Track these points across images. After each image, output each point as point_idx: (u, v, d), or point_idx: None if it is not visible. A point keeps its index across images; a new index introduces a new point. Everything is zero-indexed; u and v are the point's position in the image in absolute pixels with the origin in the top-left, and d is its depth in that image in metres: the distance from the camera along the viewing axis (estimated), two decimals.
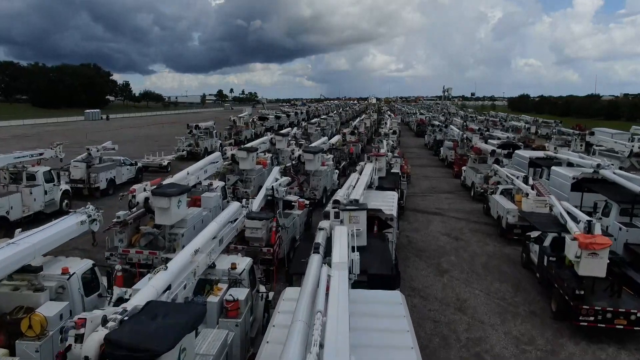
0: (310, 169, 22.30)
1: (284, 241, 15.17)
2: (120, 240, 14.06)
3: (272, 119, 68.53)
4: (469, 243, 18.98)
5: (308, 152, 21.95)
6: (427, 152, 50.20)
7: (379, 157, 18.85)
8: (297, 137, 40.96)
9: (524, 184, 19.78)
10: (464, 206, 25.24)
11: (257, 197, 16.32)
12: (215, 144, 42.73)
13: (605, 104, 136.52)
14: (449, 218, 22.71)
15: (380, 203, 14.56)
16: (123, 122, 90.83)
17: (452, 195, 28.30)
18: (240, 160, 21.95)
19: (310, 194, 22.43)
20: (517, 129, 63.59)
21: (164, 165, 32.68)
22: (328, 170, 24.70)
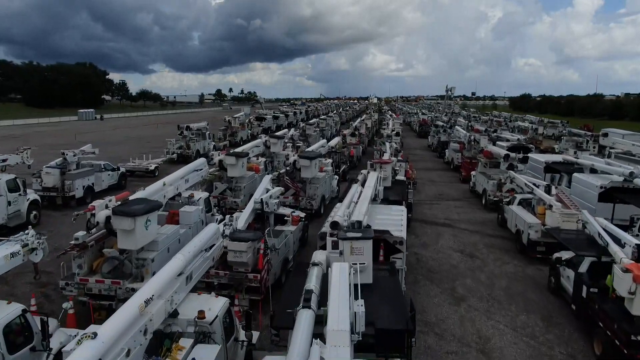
0: (306, 176, 20.10)
1: (273, 266, 12.96)
2: (79, 267, 11.85)
3: (269, 119, 66.30)
4: (485, 262, 16.76)
5: (304, 157, 19.74)
6: (431, 154, 47.98)
7: (384, 165, 16.63)
8: (295, 138, 38.77)
9: (546, 194, 17.58)
10: (475, 216, 23.02)
11: (243, 212, 14.10)
12: (209, 146, 40.52)
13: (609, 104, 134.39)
14: (461, 231, 20.50)
15: (386, 221, 12.36)
16: (117, 122, 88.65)
17: (462, 203, 26.07)
18: (228, 167, 19.75)
19: (306, 203, 20.22)
20: (524, 129, 61.38)
21: (151, 169, 30.46)
22: (327, 176, 22.49)
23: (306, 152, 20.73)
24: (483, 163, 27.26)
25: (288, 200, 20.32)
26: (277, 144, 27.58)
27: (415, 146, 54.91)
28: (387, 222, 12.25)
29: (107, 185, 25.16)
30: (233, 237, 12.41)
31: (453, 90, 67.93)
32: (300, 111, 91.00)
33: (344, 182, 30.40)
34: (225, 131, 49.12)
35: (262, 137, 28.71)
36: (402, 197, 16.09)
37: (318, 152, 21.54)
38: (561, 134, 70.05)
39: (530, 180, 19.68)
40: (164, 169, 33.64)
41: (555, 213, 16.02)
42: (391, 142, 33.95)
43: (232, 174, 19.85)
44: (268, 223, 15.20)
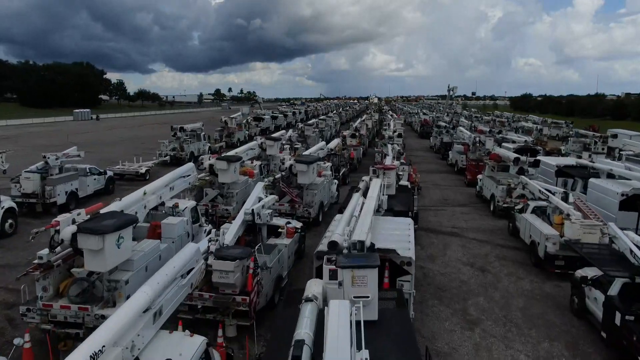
0: (303, 182, 18.68)
1: (264, 286, 11.55)
2: (43, 289, 10.43)
3: (268, 120, 64.89)
4: (498, 277, 15.34)
5: (301, 162, 18.31)
6: (433, 156, 46.55)
7: (387, 171, 15.21)
8: (293, 140, 37.35)
9: (564, 202, 16.16)
10: (484, 224, 21.61)
11: (232, 225, 12.68)
12: (204, 147, 39.14)
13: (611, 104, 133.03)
14: (469, 240, 19.07)
15: (392, 237, 10.95)
16: (113, 122, 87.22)
17: (468, 208, 24.66)
18: (219, 172, 18.33)
19: (303, 211, 18.80)
20: (528, 130, 59.95)
21: (142, 172, 29.03)
22: (325, 181, 21.08)
23: (303, 156, 19.32)
24: (490, 166, 25.85)
25: (284, 207, 18.93)
26: (273, 146, 26.16)
27: (416, 147, 53.47)
28: (392, 238, 10.84)
29: (92, 191, 23.74)
30: (219, 254, 11.00)
31: (455, 90, 66.30)
32: (300, 111, 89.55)
33: (344, 186, 29.06)
34: (221, 132, 47.68)
35: (258, 139, 27.30)
36: (408, 206, 14.66)
37: (316, 156, 20.10)
38: (565, 134, 68.77)
39: (545, 186, 18.25)
40: (156, 171, 32.23)
41: (575, 224, 14.59)
42: (393, 143, 32.59)
43: (223, 179, 18.43)
44: (260, 236, 13.80)
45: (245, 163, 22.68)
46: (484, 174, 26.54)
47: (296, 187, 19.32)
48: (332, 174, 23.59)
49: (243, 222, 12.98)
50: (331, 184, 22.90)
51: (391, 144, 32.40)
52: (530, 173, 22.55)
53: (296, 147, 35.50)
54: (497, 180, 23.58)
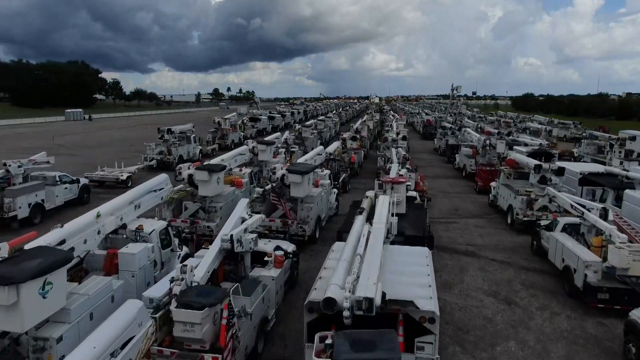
0: (297, 195, 16.18)
1: (243, 339, 9.06)
2: None
3: (264, 120, 62.41)
4: (528, 312, 12.85)
5: (294, 172, 15.78)
6: (438, 159, 44.05)
7: (396, 185, 12.69)
8: (289, 143, 34.90)
9: (603, 220, 13.68)
10: (502, 240, 19.11)
11: (205, 256, 10.15)
12: (194, 150, 36.66)
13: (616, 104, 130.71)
14: (488, 262, 16.57)
15: (405, 277, 8.46)
16: (107, 122, 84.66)
17: (482, 221, 22.16)
18: (199, 184, 15.82)
19: (297, 228, 16.29)
20: (535, 131, 57.35)
21: (123, 179, 26.50)
22: (323, 192, 18.58)
23: (297, 165, 16.78)
24: (506, 174, 23.36)
25: (274, 223, 16.43)
26: (266, 150, 23.65)
27: (419, 149, 50.99)
28: (406, 280, 8.34)
29: (62, 201, 21.24)
30: (182, 300, 8.49)
31: (459, 90, 63.86)
32: (299, 111, 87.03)
33: (344, 194, 26.57)
34: (214, 134, 45.15)
35: (249, 142, 24.78)
36: (422, 228, 12.09)
37: (312, 165, 17.51)
38: (573, 135, 66.28)
39: (577, 200, 15.75)
40: (140, 177, 29.72)
41: (622, 250, 12.12)
42: (397, 147, 30.10)
43: (204, 192, 15.91)
44: (242, 266, 11.31)
45: (232, 171, 20.19)
46: (498, 182, 24.05)
47: (289, 199, 16.83)
48: (331, 183, 21.11)
49: (220, 251, 10.47)
50: (330, 194, 20.42)
51: (395, 147, 29.91)
52: (553, 182, 20.05)
53: (292, 151, 33.04)
54: (515, 190, 21.07)
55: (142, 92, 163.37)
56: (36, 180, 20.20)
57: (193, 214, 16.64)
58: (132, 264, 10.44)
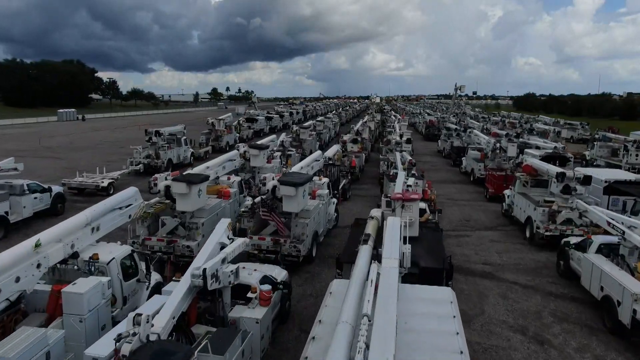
0: (291, 210, 14.05)
1: None
2: None
3: (262, 121, 60.24)
4: (565, 353, 10.73)
5: (287, 184, 13.63)
6: (443, 162, 41.91)
7: (407, 203, 10.51)
8: (286, 145, 32.82)
9: None
10: (522, 258, 17.00)
11: (169, 300, 7.99)
12: (185, 153, 34.50)
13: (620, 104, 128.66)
14: (510, 286, 14.45)
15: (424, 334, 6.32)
16: (100, 122, 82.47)
17: (497, 234, 20.05)
18: (177, 197, 13.69)
19: (291, 248, 14.16)
20: (544, 132, 55.17)
21: (104, 186, 24.36)
22: (321, 204, 16.46)
23: (290, 175, 14.59)
24: (522, 181, 21.24)
25: (264, 242, 14.30)
26: (259, 155, 21.51)
27: (423, 151, 48.83)
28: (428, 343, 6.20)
29: (31, 213, 19.07)
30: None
31: (462, 89, 61.71)
32: (297, 111, 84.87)
33: (344, 202, 24.47)
34: (208, 135, 42.98)
35: (240, 147, 22.68)
36: (441, 257, 9.85)
37: (307, 175, 15.26)
38: (581, 136, 64.14)
39: (613, 215, 13.62)
40: (125, 183, 27.62)
41: None
42: (402, 150, 27.99)
43: (183, 207, 13.77)
44: (219, 304, 9.20)
45: (220, 179, 18.07)
46: (513, 190, 21.92)
47: (282, 213, 14.70)
48: (330, 192, 18.98)
49: (190, 289, 8.35)
50: (329, 205, 18.28)
51: (399, 150, 27.81)
52: (579, 192, 17.92)
53: (289, 154, 30.99)
54: (535, 201, 18.96)
55: (139, 91, 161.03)
56: (0, 189, 18.07)
57: (172, 230, 14.52)
58: (80, 306, 8.33)
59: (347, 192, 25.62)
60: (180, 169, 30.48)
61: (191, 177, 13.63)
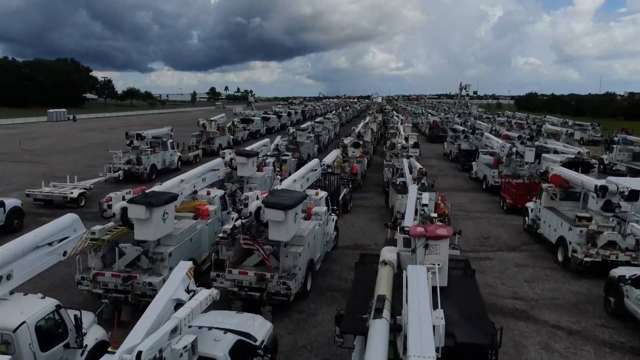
0: (279, 238, 11.24)
1: None
2: None
3: (258, 122, 57.36)
4: None
5: (274, 206, 10.77)
6: (450, 166, 39.15)
7: (433, 242, 7.63)
8: (281, 149, 30.02)
9: None
10: (558, 289, 14.21)
11: None
12: (172, 158, 31.70)
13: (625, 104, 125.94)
14: (552, 332, 11.65)
15: None
16: (92, 123, 79.60)
17: (524, 256, 17.26)
18: (135, 223, 10.88)
19: (278, 285, 11.33)
20: (554, 133, 52.26)
21: (74, 197, 21.58)
22: (318, 225, 13.66)
23: (279, 193, 11.65)
24: (550, 193, 18.44)
25: (247, 277, 11.50)
26: (247, 164, 18.68)
27: (427, 154, 45.92)
28: None
29: None
30: None
31: (468, 88, 58.83)
32: (296, 111, 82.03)
33: (346, 215, 21.69)
34: (199, 137, 40.16)
35: (226, 153, 19.89)
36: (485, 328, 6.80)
37: (299, 195, 12.05)
38: (592, 138, 61.32)
39: None
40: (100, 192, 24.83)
41: None
42: (409, 156, 25.20)
43: (143, 235, 10.95)
44: None
45: (198, 194, 15.27)
46: (538, 203, 19.13)
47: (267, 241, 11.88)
48: (329, 208, 16.19)
49: None
50: (328, 223, 15.46)
51: (406, 156, 25.03)
52: (623, 210, 15.13)
53: (284, 159, 28.19)
54: (570, 220, 16.15)
55: (135, 91, 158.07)
56: None
57: (132, 262, 11.72)
58: None
59: (349, 203, 22.83)
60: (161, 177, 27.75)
61: (152, 199, 10.81)
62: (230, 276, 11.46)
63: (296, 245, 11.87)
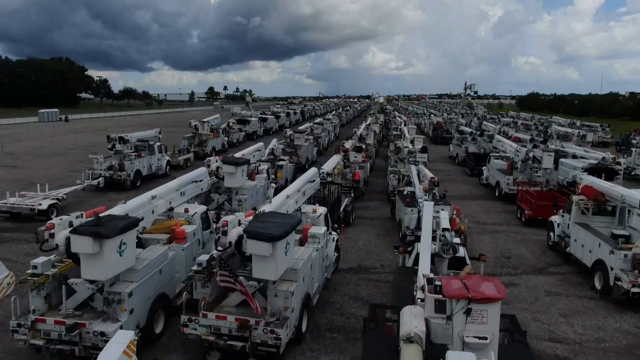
0: (266, 277, 8.91)
1: None
2: None
3: (255, 123, 54.97)
4: None
5: (259, 237, 8.41)
6: (457, 170, 36.83)
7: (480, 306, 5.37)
8: (277, 153, 27.73)
9: None
10: (603, 326, 11.91)
11: None
12: (159, 163, 29.39)
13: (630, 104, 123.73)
14: None
15: None
16: (84, 124, 77.14)
17: (553, 280, 14.96)
18: (82, 258, 8.55)
19: (264, 333, 8.99)
20: (565, 135, 49.91)
21: (42, 209, 19.26)
22: (315, 251, 11.35)
23: (267, 218, 9.23)
24: (581, 207, 16.14)
25: (225, 323, 9.16)
26: (235, 173, 16.32)
27: (432, 157, 42.96)
28: None
29: None
30: None
31: (473, 88, 56.46)
32: (295, 111, 79.66)
33: (347, 228, 19.39)
34: (191, 140, 37.82)
35: (211, 161, 17.55)
36: None
37: (290, 222, 9.27)
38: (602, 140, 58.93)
39: None
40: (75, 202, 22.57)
41: None
42: (417, 162, 22.91)
43: (90, 273, 8.59)
44: None
45: (175, 211, 12.96)
46: (566, 218, 16.83)
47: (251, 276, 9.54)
48: (329, 226, 13.89)
49: None
50: (327, 245, 13.13)
51: (414, 162, 22.75)
52: None
53: (280, 165, 25.93)
54: (610, 241, 13.87)
55: (131, 90, 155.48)
56: None
57: (85, 302, 9.40)
58: None
59: (350, 215, 20.51)
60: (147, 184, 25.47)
61: (105, 227, 8.48)
62: (205, 321, 9.16)
63: (288, 282, 9.56)
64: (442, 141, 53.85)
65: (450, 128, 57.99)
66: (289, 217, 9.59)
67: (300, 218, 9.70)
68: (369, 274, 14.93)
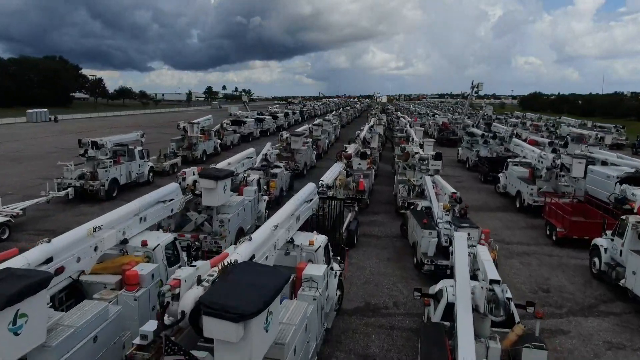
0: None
1: None
2: None
3: (251, 124, 51.91)
4: None
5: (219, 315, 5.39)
6: (468, 176, 33.84)
7: None
8: (270, 159, 24.75)
9: None
10: None
11: None
12: (141, 169, 26.39)
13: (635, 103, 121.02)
14: None
15: None
16: (75, 124, 74.06)
17: (609, 324, 12.01)
18: None
19: None
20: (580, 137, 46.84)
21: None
22: (311, 306, 8.40)
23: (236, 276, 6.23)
24: (637, 231, 13.18)
25: None
26: (215, 189, 13.28)
27: None
28: None
29: None
30: None
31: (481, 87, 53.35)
32: (294, 112, 76.62)
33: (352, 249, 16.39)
34: (179, 143, 34.81)
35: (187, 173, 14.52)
36: None
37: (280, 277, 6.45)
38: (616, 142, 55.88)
39: None
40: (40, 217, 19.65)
41: None
42: (430, 171, 19.93)
43: None
44: None
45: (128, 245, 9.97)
46: (617, 243, 13.88)
47: None
48: (330, 260, 10.93)
49: None
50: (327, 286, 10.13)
51: (427, 171, 19.78)
52: None
53: (274, 173, 22.97)
54: None
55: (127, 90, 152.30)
56: None
57: None
58: None
59: (355, 234, 17.53)
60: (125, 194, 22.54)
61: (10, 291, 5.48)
62: None
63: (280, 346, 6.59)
64: (448, 143, 50.96)
65: (456, 129, 55.09)
66: (272, 273, 6.58)
67: (289, 275, 6.68)
68: (380, 317, 11.99)
